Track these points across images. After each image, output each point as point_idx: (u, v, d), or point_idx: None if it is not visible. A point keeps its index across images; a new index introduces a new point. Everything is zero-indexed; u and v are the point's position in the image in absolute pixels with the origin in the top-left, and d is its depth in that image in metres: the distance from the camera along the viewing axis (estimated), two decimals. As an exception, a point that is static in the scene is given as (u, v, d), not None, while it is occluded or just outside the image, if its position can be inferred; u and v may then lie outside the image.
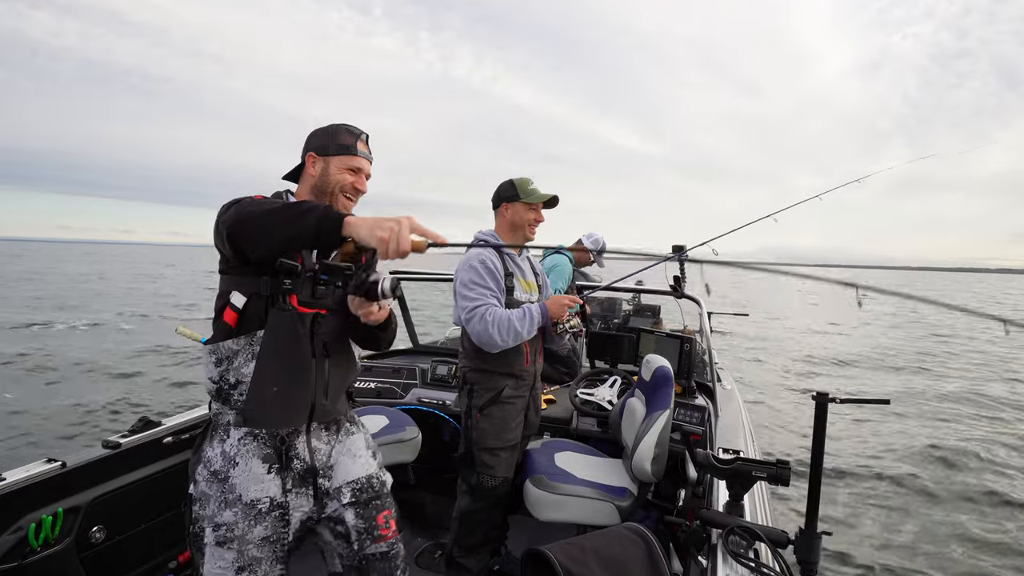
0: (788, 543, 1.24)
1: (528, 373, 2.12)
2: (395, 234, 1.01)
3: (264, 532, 1.25)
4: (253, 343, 1.24)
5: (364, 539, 1.38)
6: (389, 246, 1.01)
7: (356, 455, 1.43)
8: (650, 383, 2.12)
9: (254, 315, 1.24)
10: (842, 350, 11.86)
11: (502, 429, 2.03)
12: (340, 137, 1.36)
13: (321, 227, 1.03)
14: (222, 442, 1.26)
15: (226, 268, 1.26)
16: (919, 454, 5.20)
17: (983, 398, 7.58)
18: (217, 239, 1.18)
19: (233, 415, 1.26)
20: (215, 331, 1.28)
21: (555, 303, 2.01)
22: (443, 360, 3.00)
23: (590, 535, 1.29)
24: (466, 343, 2.13)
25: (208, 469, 1.25)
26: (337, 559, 1.41)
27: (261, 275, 1.23)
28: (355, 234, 1.03)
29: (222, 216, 1.14)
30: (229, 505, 1.23)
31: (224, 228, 1.13)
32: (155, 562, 1.90)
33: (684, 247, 2.91)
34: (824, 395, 1.32)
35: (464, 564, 2.09)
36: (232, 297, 1.24)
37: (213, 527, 1.22)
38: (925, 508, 4.11)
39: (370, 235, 1.02)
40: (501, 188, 2.12)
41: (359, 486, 1.40)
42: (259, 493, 1.25)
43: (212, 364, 1.25)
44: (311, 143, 1.37)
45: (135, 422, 1.93)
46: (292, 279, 1.23)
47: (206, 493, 1.24)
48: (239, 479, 1.24)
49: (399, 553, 1.44)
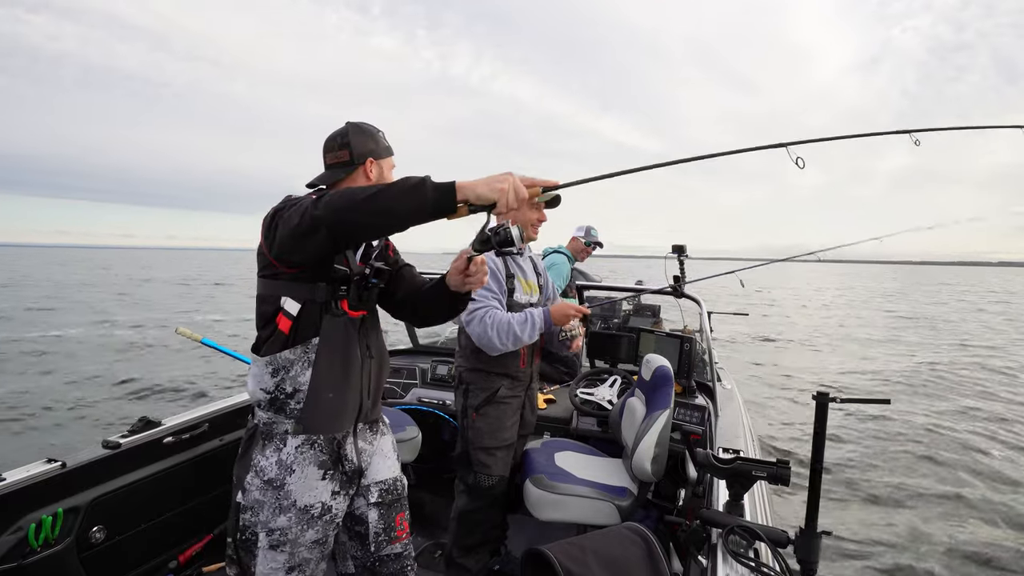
0: (788, 543, 1.24)
1: (524, 374, 2.12)
2: (511, 184, 1.03)
3: (315, 535, 1.28)
4: (308, 351, 1.24)
5: (381, 540, 1.40)
6: (508, 195, 1.03)
7: (387, 455, 1.46)
8: (650, 383, 2.12)
9: (309, 322, 1.24)
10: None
11: (497, 428, 2.03)
12: (381, 139, 1.39)
13: (439, 196, 1.03)
14: (278, 451, 1.26)
15: (274, 273, 1.24)
16: (920, 453, 5.20)
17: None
18: (301, 240, 1.13)
19: (291, 424, 1.26)
20: (267, 341, 1.25)
21: (560, 311, 1.96)
22: (443, 360, 3.01)
23: (590, 535, 1.28)
24: (463, 342, 2.13)
25: (261, 478, 1.26)
26: (350, 560, 1.42)
27: (316, 281, 1.23)
28: (472, 193, 1.03)
29: (312, 212, 1.08)
30: (284, 511, 1.24)
31: (325, 223, 1.07)
32: (155, 562, 1.90)
33: (684, 247, 2.91)
34: (824, 395, 1.32)
35: (463, 564, 2.09)
36: (285, 304, 1.24)
37: (267, 532, 1.24)
38: (926, 507, 4.11)
39: (489, 190, 1.03)
40: None
41: (386, 487, 1.43)
42: (313, 499, 1.27)
43: (267, 375, 1.24)
44: (362, 148, 1.35)
45: (135, 422, 1.93)
46: (347, 284, 1.26)
47: (259, 500, 1.25)
48: (295, 486, 1.25)
49: (410, 553, 1.47)
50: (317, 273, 1.23)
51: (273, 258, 1.21)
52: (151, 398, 6.82)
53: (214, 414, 2.14)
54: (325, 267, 1.24)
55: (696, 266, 3.07)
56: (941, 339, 13.90)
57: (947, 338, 14.05)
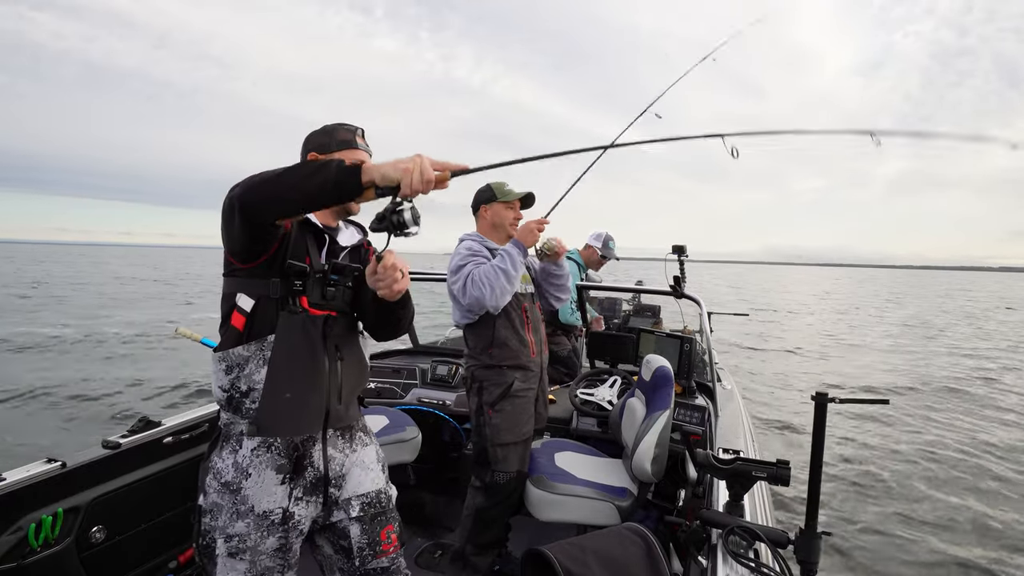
0: (788, 543, 1.24)
1: (535, 364, 2.15)
2: (418, 164, 0.99)
3: (276, 543, 1.22)
4: (264, 348, 1.20)
5: (366, 554, 1.35)
6: (413, 176, 0.99)
7: (368, 467, 1.40)
8: (650, 383, 2.12)
9: (264, 319, 1.20)
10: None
11: (515, 423, 2.05)
12: (339, 134, 1.35)
13: (342, 175, 1.00)
14: (234, 452, 1.23)
15: (231, 270, 1.23)
16: (919, 451, 5.20)
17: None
18: (227, 225, 1.12)
19: (246, 424, 1.22)
20: (223, 337, 1.23)
21: (524, 231, 2.07)
22: (443, 360, 3.00)
23: (590, 535, 1.29)
24: (470, 343, 2.15)
25: (219, 480, 1.22)
26: (337, 573, 1.39)
27: (270, 277, 1.20)
28: (377, 173, 1.00)
29: (230, 193, 1.09)
30: (241, 516, 1.20)
31: (236, 201, 1.07)
32: (155, 562, 1.90)
33: (684, 247, 2.92)
34: (823, 395, 1.32)
35: (476, 563, 2.10)
36: (239, 300, 1.21)
37: (225, 538, 1.19)
38: (926, 507, 4.11)
39: (394, 170, 1.00)
40: (479, 192, 2.20)
41: (368, 500, 1.37)
42: (272, 504, 1.22)
43: (222, 372, 1.21)
44: (310, 144, 1.34)
45: (135, 422, 1.93)
46: (303, 280, 1.22)
47: (217, 504, 1.21)
48: (252, 490, 1.21)
49: (400, 567, 1.42)
50: (271, 268, 1.20)
51: (228, 252, 1.20)
52: (151, 398, 6.82)
53: (214, 414, 2.13)
54: (278, 261, 1.20)
55: (696, 267, 3.08)
56: (940, 341, 13.90)
57: (946, 340, 14.05)
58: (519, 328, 2.12)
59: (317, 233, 1.32)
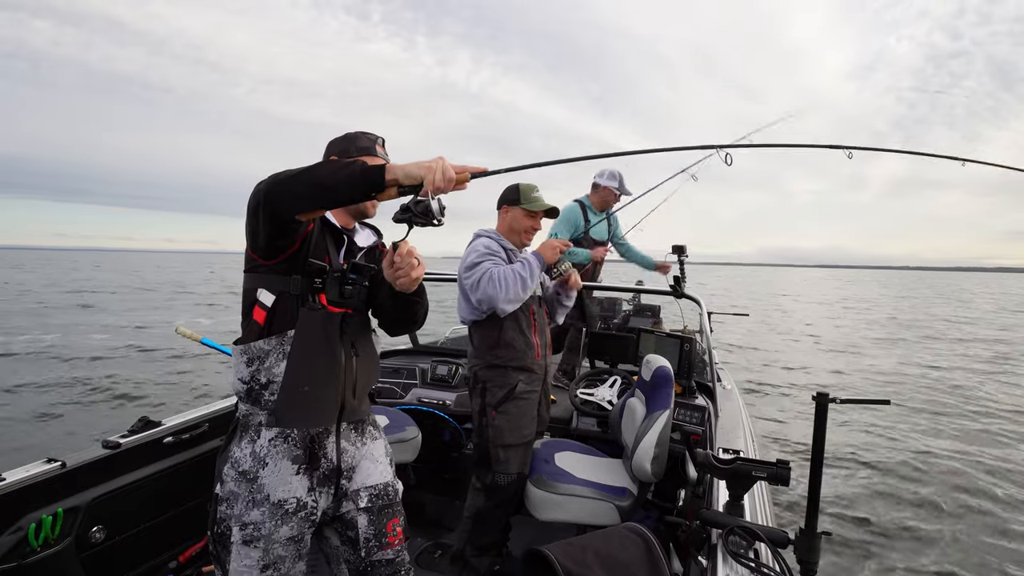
0: (788, 543, 1.24)
1: (539, 367, 2.15)
2: (440, 165, 1.04)
3: (290, 532, 1.26)
4: (284, 343, 1.25)
5: (372, 546, 1.39)
6: (435, 174, 1.04)
7: (377, 460, 1.44)
8: (650, 383, 2.12)
9: (284, 314, 1.25)
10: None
11: (518, 425, 2.05)
12: (360, 140, 1.40)
13: (367, 173, 1.05)
14: (252, 442, 1.27)
15: (253, 266, 1.27)
16: (919, 451, 5.20)
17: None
18: (251, 220, 1.17)
19: (264, 415, 1.26)
20: (245, 331, 1.28)
21: (546, 247, 2.07)
22: (443, 360, 3.00)
23: (590, 535, 1.29)
24: (476, 341, 2.15)
25: (236, 469, 1.26)
26: (344, 564, 1.41)
27: (291, 274, 1.25)
28: (400, 172, 1.05)
29: (256, 188, 1.13)
30: (257, 505, 1.24)
31: (262, 195, 1.11)
32: (155, 562, 1.90)
33: (684, 247, 2.92)
34: (824, 395, 1.32)
35: (476, 565, 2.10)
36: (259, 295, 1.25)
37: (240, 526, 1.23)
38: (926, 505, 4.11)
39: (417, 168, 1.05)
40: (506, 190, 2.17)
41: (376, 492, 1.41)
42: (286, 493, 1.26)
43: (243, 364, 1.25)
44: (331, 149, 1.39)
45: (135, 422, 1.93)
46: (323, 278, 1.27)
47: (234, 492, 1.25)
48: (268, 479, 1.25)
49: (404, 560, 1.44)
50: (292, 265, 1.25)
51: (250, 248, 1.24)
52: (151, 398, 6.82)
53: (214, 414, 2.14)
54: (299, 259, 1.25)
55: (697, 269, 3.08)
56: (940, 342, 13.90)
57: (946, 341, 14.05)
58: (526, 330, 2.12)
59: (336, 234, 1.38)
